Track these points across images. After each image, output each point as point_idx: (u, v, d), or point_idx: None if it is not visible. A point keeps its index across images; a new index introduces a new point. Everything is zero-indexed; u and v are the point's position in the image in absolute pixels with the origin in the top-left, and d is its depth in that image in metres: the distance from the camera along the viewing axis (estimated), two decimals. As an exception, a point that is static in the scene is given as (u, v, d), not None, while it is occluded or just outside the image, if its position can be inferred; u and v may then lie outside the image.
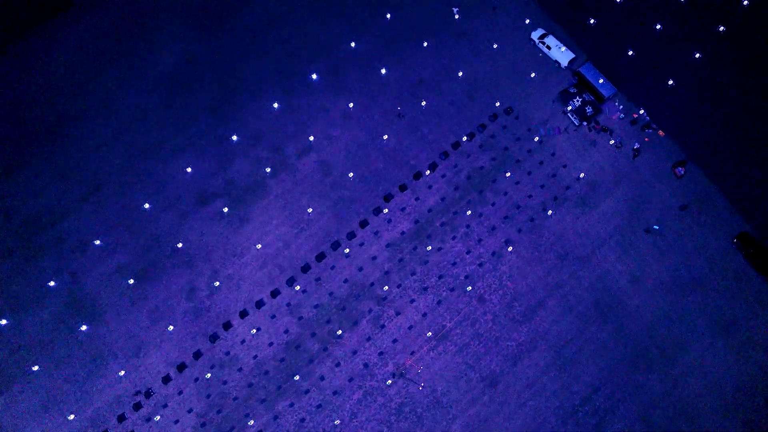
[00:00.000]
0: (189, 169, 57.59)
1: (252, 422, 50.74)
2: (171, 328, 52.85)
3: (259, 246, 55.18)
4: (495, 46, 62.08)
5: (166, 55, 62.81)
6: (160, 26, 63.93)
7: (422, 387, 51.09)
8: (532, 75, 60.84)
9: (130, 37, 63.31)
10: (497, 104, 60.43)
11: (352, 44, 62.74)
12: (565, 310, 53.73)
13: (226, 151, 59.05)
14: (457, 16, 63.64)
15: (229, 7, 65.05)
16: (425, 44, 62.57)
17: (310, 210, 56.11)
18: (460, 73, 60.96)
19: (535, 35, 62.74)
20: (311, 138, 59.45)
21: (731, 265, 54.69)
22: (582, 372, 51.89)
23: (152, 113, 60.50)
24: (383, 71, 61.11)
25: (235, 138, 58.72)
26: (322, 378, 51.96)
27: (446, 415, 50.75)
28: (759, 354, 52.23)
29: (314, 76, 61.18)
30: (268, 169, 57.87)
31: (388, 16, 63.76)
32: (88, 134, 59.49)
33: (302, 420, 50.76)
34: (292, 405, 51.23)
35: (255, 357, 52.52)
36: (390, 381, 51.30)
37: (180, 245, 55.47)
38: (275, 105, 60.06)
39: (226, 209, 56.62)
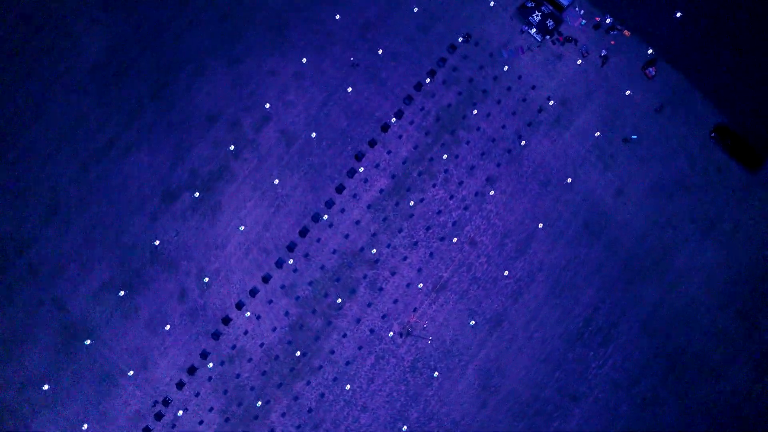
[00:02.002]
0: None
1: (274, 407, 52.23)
2: (168, 327, 52.45)
3: (241, 228, 53.69)
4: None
5: (88, 43, 56.85)
6: (73, 11, 57.46)
7: (431, 341, 52.11)
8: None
9: (43, 30, 56.98)
10: (453, 33, 56.93)
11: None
12: (556, 237, 53.90)
13: (181, 139, 55.48)
14: (394, -59, 58.18)
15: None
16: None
17: (276, 181, 54.01)
18: (415, 9, 56.79)
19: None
20: (267, 107, 55.85)
21: (712, 160, 54.54)
22: (581, 294, 53.04)
23: (91, 113, 55.78)
24: (327, 19, 56.71)
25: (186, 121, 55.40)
26: (332, 351, 52.59)
27: (459, 363, 52.23)
28: (745, 243, 53.52)
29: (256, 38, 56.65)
30: (232, 147, 54.86)
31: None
32: (28, 150, 55.05)
33: (322, 395, 51.96)
34: (308, 383, 52.19)
35: (262, 345, 52.63)
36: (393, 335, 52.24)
37: (158, 248, 53.82)
38: (221, 78, 56.03)
39: (196, 198, 54.49)
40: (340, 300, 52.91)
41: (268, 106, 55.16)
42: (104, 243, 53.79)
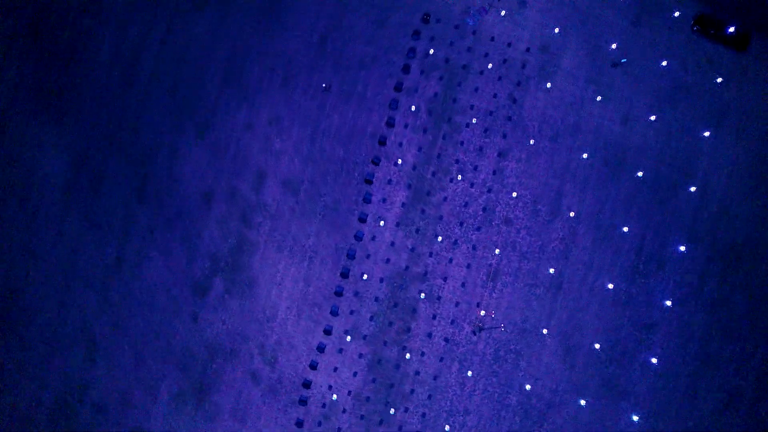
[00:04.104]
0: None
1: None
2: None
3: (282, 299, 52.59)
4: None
5: (50, 165, 52.75)
6: (19, 138, 52.61)
7: (503, 327, 52.94)
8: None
9: (-5, 172, 52.57)
10: (411, 17, 53.67)
11: (226, 39, 53.31)
12: (582, 185, 53.67)
13: (186, 229, 52.89)
14: (315, -57, 53.41)
15: (73, 67, 53.45)
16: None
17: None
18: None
19: None
20: (257, 164, 53.16)
21: (701, 53, 53.74)
22: (624, 230, 53.83)
23: (84, 237, 52.60)
24: (281, 49, 52.90)
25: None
26: (417, 373, 53.11)
27: (537, 337, 53.40)
28: (756, 121, 53.85)
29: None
30: (239, 221, 52.71)
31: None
32: (38, 301, 52.27)
33: (423, 415, 53.04)
34: (407, 410, 53.07)
35: (349, 393, 52.93)
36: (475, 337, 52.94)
37: (213, 344, 52.56)
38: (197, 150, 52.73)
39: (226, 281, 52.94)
40: (404, 323, 53.34)
41: (257, 164, 52.59)
42: (157, 358, 52.36)
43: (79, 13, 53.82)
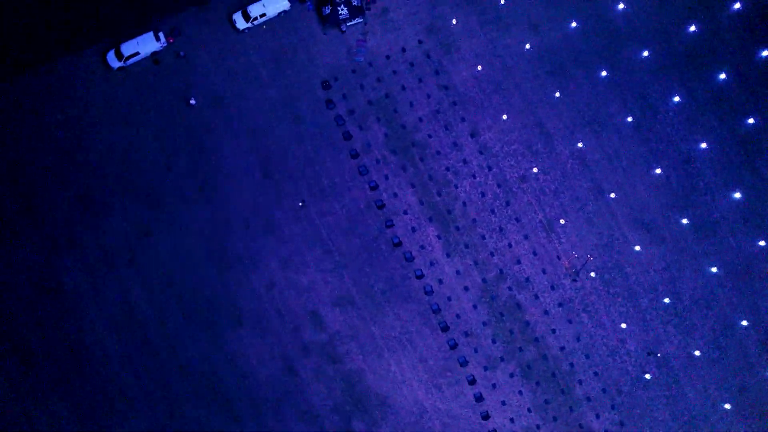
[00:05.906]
0: None
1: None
2: None
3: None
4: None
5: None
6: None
7: (591, 257, 54.02)
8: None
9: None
10: (315, 93, 53.97)
11: (190, 231, 52.28)
12: (551, 105, 55.42)
13: (294, 408, 51.04)
14: (193, 101, 52.71)
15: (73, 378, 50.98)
16: (223, 152, 53.03)
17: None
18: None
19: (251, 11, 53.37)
20: (302, 309, 52.15)
21: (544, -65, 56.74)
22: (617, 115, 55.94)
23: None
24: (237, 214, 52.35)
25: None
26: (562, 348, 52.95)
27: (623, 242, 54.37)
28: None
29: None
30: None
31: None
32: None
33: (596, 374, 53.21)
34: (581, 382, 52.94)
35: (529, 410, 51.91)
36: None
37: (396, 474, 51.64)
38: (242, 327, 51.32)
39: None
40: (520, 323, 53.81)
41: (299, 305, 51.80)
42: None
43: (40, 303, 51.43)
